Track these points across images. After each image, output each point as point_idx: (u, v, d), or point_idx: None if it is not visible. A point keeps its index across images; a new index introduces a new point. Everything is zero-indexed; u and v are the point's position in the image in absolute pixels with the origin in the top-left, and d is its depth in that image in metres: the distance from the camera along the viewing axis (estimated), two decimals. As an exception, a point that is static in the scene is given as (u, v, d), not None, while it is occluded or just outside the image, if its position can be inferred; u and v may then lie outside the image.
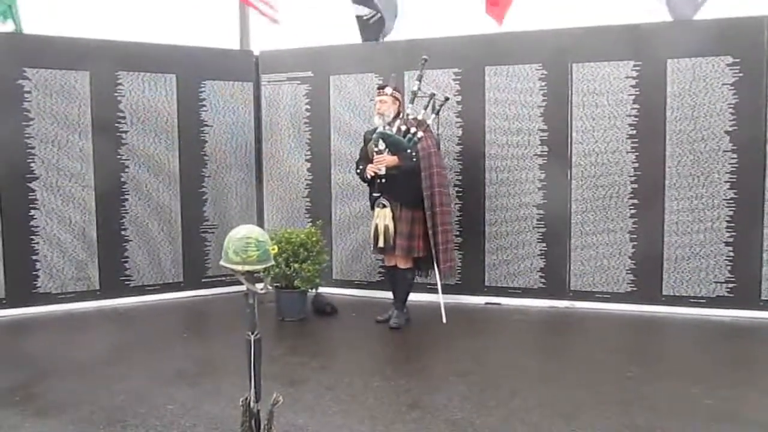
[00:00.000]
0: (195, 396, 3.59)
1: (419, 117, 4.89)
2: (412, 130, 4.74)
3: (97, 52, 5.53)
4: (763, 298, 5.02)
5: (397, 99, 4.91)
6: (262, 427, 2.72)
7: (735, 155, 5.02)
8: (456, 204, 5.55)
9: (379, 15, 5.80)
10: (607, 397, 3.55)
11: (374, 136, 4.82)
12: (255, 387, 2.76)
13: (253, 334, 2.75)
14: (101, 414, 3.36)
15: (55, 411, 3.41)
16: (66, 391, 3.70)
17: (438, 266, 4.89)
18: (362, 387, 3.72)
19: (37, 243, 5.38)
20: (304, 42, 6.14)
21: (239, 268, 2.64)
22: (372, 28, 5.85)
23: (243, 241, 2.66)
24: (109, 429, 3.19)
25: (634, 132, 5.22)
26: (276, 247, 2.85)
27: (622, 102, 5.24)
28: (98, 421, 3.27)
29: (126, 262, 5.70)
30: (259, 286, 2.76)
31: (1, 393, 3.65)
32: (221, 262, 2.73)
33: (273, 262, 2.79)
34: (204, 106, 5.96)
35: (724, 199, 5.07)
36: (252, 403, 2.72)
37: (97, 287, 5.61)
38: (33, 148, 5.33)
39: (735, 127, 5.01)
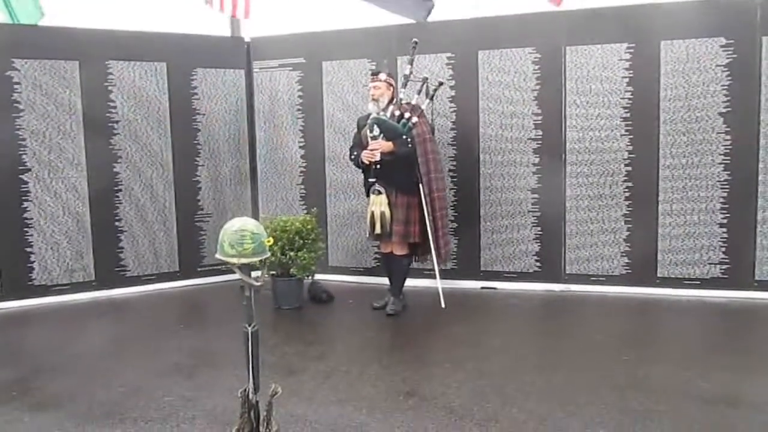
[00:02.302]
0: (193, 388, 3.61)
1: (413, 102, 4.87)
2: (406, 115, 4.72)
3: (86, 41, 5.47)
4: (756, 278, 5.05)
5: (391, 85, 4.88)
6: (261, 418, 2.73)
7: (728, 137, 5.02)
8: (451, 189, 5.55)
9: None
10: (603, 381, 3.58)
11: (369, 121, 4.80)
12: (253, 379, 2.77)
13: (250, 326, 2.75)
14: (99, 408, 3.37)
15: (54, 405, 3.42)
16: (63, 384, 3.71)
17: (437, 251, 4.90)
18: (360, 375, 3.74)
19: (31, 235, 5.36)
20: (296, 28, 6.08)
21: (235, 261, 2.63)
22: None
23: (238, 233, 2.64)
24: (108, 422, 3.20)
25: (628, 115, 5.21)
26: (271, 238, 2.85)
27: (615, 85, 5.23)
28: (97, 415, 3.28)
29: (121, 252, 5.69)
30: (255, 274, 2.76)
31: (1, 387, 3.66)
32: (217, 255, 2.72)
33: (269, 254, 2.78)
34: (196, 94, 5.92)
35: (718, 181, 5.08)
36: (250, 395, 2.73)
37: (93, 278, 5.60)
38: (24, 140, 5.29)
39: (729, 109, 5.00)
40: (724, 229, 5.10)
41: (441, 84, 5.04)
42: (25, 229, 5.33)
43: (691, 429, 3.02)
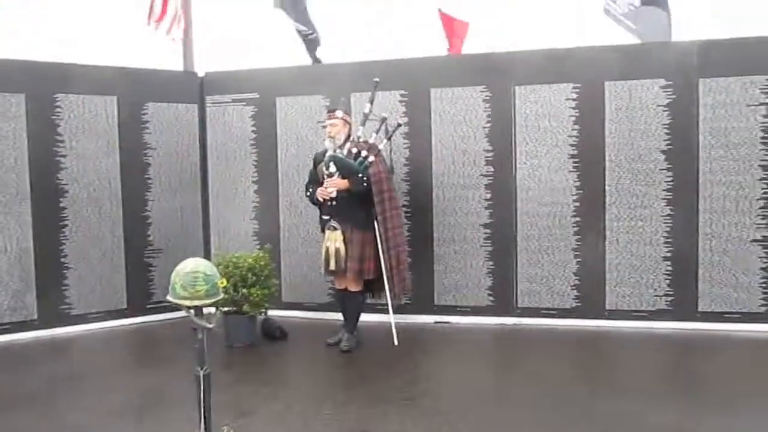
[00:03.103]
0: (143, 430, 3.49)
1: (370, 140, 4.92)
2: (363, 153, 4.76)
3: (33, 73, 5.36)
4: (699, 310, 5.21)
5: (347, 122, 4.93)
6: (213, 464, 2.67)
7: (670, 173, 5.22)
8: (405, 224, 5.58)
9: (315, 34, 5.86)
10: (556, 416, 3.62)
11: (325, 159, 4.83)
12: (205, 423, 2.71)
13: (202, 369, 2.71)
14: (43, 455, 3.24)
15: (-7, 453, 3.27)
16: (9, 427, 3.54)
17: (392, 288, 4.91)
18: (314, 415, 3.69)
19: (-28, 272, 5.16)
20: (250, 63, 6.10)
21: (187, 303, 2.60)
22: (311, 44, 5.90)
23: (191, 275, 2.62)
24: (52, 471, 3.07)
25: (576, 152, 5.38)
26: (224, 280, 2.81)
27: (563, 123, 5.39)
28: (39, 463, 3.15)
29: (66, 289, 5.51)
30: (208, 311, 2.73)
31: (-67, 436, 3.48)
32: (168, 297, 2.68)
33: (222, 297, 2.75)
34: (147, 128, 5.85)
35: (662, 216, 5.26)
36: (202, 440, 2.67)
37: (35, 317, 5.40)
38: (-35, 173, 5.13)
39: (669, 146, 5.21)
40: (669, 262, 5.26)
41: (399, 125, 5.12)
42: (-35, 266, 5.13)
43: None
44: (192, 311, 2.65)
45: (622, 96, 5.28)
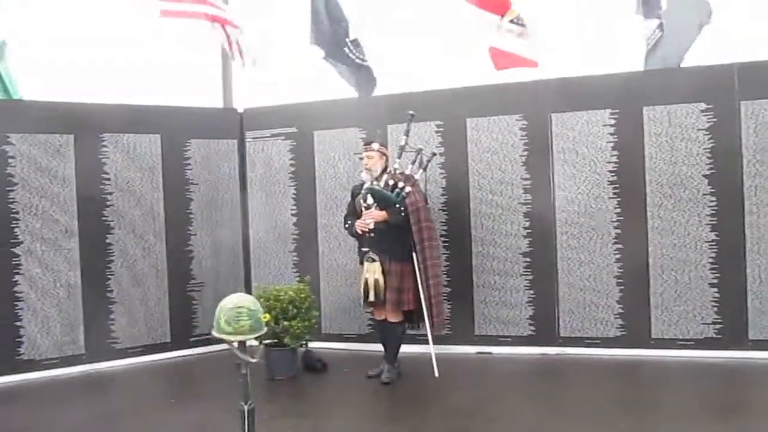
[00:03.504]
0: (187, 466, 3.53)
1: (407, 172, 4.96)
2: (400, 184, 4.80)
3: (80, 115, 5.56)
4: (750, 338, 5.05)
5: (383, 154, 4.98)
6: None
7: (714, 198, 5.12)
8: (443, 254, 5.57)
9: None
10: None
11: (363, 191, 4.88)
12: (249, 458, 2.73)
13: (246, 404, 2.73)
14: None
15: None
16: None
17: (430, 319, 4.89)
18: (356, 449, 3.68)
19: (21, 309, 5.30)
20: (288, 98, 6.23)
21: (231, 338, 2.64)
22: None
23: (235, 310, 2.66)
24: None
25: (615, 178, 5.32)
26: (268, 315, 2.85)
27: (601, 149, 5.35)
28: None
29: (113, 324, 5.63)
30: (251, 344, 2.76)
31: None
32: (213, 332, 2.72)
33: (265, 330, 2.78)
34: (189, 164, 6.00)
35: (706, 242, 5.14)
36: (247, 476, 2.69)
37: (82, 351, 5.52)
38: (17, 213, 5.31)
39: (712, 171, 5.12)
40: (716, 289, 5.13)
41: (434, 155, 5.15)
42: (15, 302, 5.27)
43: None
44: (236, 346, 2.69)
45: (661, 121, 5.22)
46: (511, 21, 5.53)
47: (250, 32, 6.17)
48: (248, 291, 5.97)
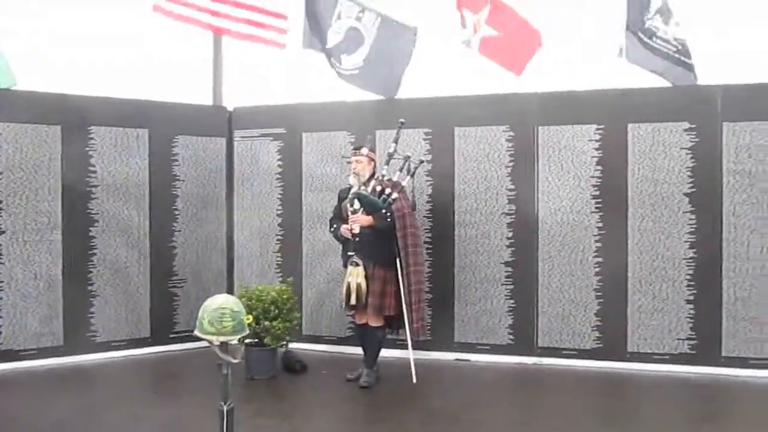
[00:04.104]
0: (163, 463, 3.54)
1: (394, 178, 5.00)
2: (387, 191, 4.84)
3: (69, 106, 5.54)
4: (723, 354, 5.15)
5: (372, 159, 5.02)
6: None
7: (693, 216, 5.22)
8: (427, 260, 5.62)
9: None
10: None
11: (350, 195, 4.91)
12: (227, 458, 2.75)
13: (225, 404, 2.76)
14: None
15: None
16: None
17: (410, 325, 4.93)
18: (333, 451, 3.71)
19: (1, 298, 5.28)
20: (277, 99, 6.25)
21: (214, 339, 2.66)
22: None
23: (218, 311, 2.69)
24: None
25: (598, 193, 5.40)
26: (251, 316, 2.87)
27: (585, 163, 5.43)
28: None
29: (92, 317, 5.61)
30: (233, 343, 2.78)
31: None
32: (196, 332, 2.75)
33: (247, 332, 2.81)
34: (176, 160, 5.99)
35: (684, 258, 5.24)
36: (224, 475, 2.71)
37: (61, 343, 5.49)
38: (0, 202, 5.28)
39: (693, 189, 5.22)
40: (691, 305, 5.23)
41: (422, 162, 5.20)
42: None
43: None
44: (218, 346, 2.72)
45: (645, 138, 5.31)
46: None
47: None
48: (230, 289, 5.98)
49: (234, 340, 2.71)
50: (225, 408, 2.76)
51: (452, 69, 5.97)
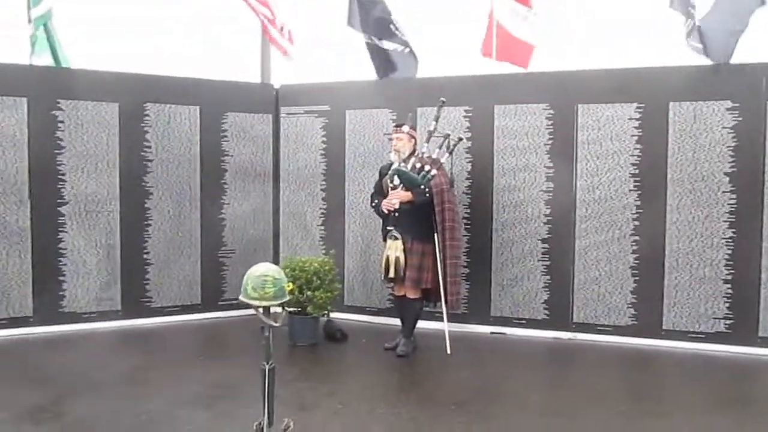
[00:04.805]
0: (212, 418, 3.83)
1: (434, 156, 5.14)
2: (426, 167, 4.99)
3: (125, 84, 5.85)
4: (760, 335, 5.17)
5: (412, 137, 5.17)
6: (273, 450, 2.94)
7: (733, 195, 5.20)
8: (464, 236, 5.76)
9: (408, 49, 6.08)
10: (598, 429, 3.73)
11: (390, 172, 5.08)
12: (268, 414, 2.99)
13: (267, 364, 2.99)
14: (124, 433, 3.61)
15: (82, 428, 3.67)
16: (92, 409, 3.96)
17: (446, 297, 5.10)
18: (368, 413, 3.94)
19: (65, 264, 5.67)
20: (322, 77, 6.43)
21: (257, 303, 2.89)
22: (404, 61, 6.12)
23: (261, 278, 2.90)
24: (132, 447, 3.43)
25: (637, 171, 5.43)
26: (291, 284, 3.09)
27: (625, 142, 5.46)
28: (122, 440, 3.52)
29: (147, 284, 5.97)
30: (276, 310, 3.01)
31: (34, 410, 3.91)
32: (240, 297, 2.97)
33: (288, 298, 3.02)
34: (226, 136, 6.26)
35: (723, 238, 5.25)
36: (265, 429, 2.95)
37: (119, 308, 5.88)
38: (63, 174, 5.64)
39: (734, 169, 5.20)
40: (729, 285, 5.24)
41: (461, 140, 5.32)
42: (59, 258, 5.64)
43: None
44: (261, 311, 2.94)
45: (686, 117, 5.30)
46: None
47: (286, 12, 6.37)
48: (276, 261, 6.25)
49: (275, 305, 2.93)
50: (267, 367, 2.99)
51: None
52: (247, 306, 2.94)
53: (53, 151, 5.61)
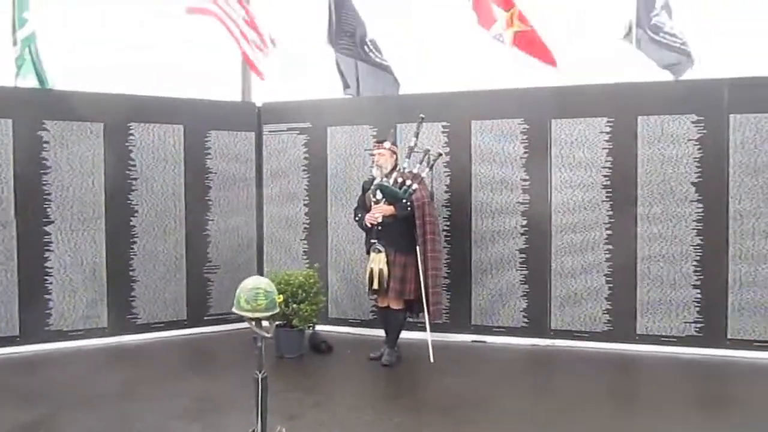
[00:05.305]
0: (202, 429, 3.92)
1: (414, 171, 5.31)
2: (408, 182, 5.16)
3: (110, 104, 5.94)
4: (729, 337, 5.39)
5: (394, 152, 5.34)
6: (267, 457, 3.06)
7: (700, 204, 5.45)
8: (445, 248, 5.93)
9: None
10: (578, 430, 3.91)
11: (373, 187, 5.24)
12: (262, 421, 3.11)
13: (260, 373, 3.11)
14: (119, 446, 3.69)
15: (76, 443, 3.75)
16: (85, 424, 4.03)
17: (428, 308, 5.26)
18: (355, 422, 4.07)
19: (51, 283, 5.72)
20: (303, 95, 6.59)
21: (250, 315, 3.02)
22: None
23: (253, 291, 3.04)
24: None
25: (608, 183, 5.65)
26: (281, 296, 3.22)
27: (597, 154, 5.68)
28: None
29: (133, 300, 6.04)
30: (265, 324, 3.14)
31: (26, 426, 3.98)
32: (233, 309, 3.11)
33: (279, 310, 3.16)
34: (209, 154, 6.38)
35: (691, 245, 5.48)
36: (259, 436, 3.07)
37: (105, 325, 5.94)
38: (49, 194, 5.71)
39: (700, 179, 5.45)
40: (698, 290, 5.47)
41: (440, 155, 5.50)
42: (45, 277, 5.70)
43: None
44: (253, 322, 3.07)
45: (654, 130, 5.55)
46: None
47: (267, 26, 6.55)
48: (261, 275, 6.35)
49: (267, 316, 3.06)
50: (260, 376, 3.11)
51: (468, 64, 6.25)
52: (233, 321, 3.08)
53: (39, 171, 5.68)
